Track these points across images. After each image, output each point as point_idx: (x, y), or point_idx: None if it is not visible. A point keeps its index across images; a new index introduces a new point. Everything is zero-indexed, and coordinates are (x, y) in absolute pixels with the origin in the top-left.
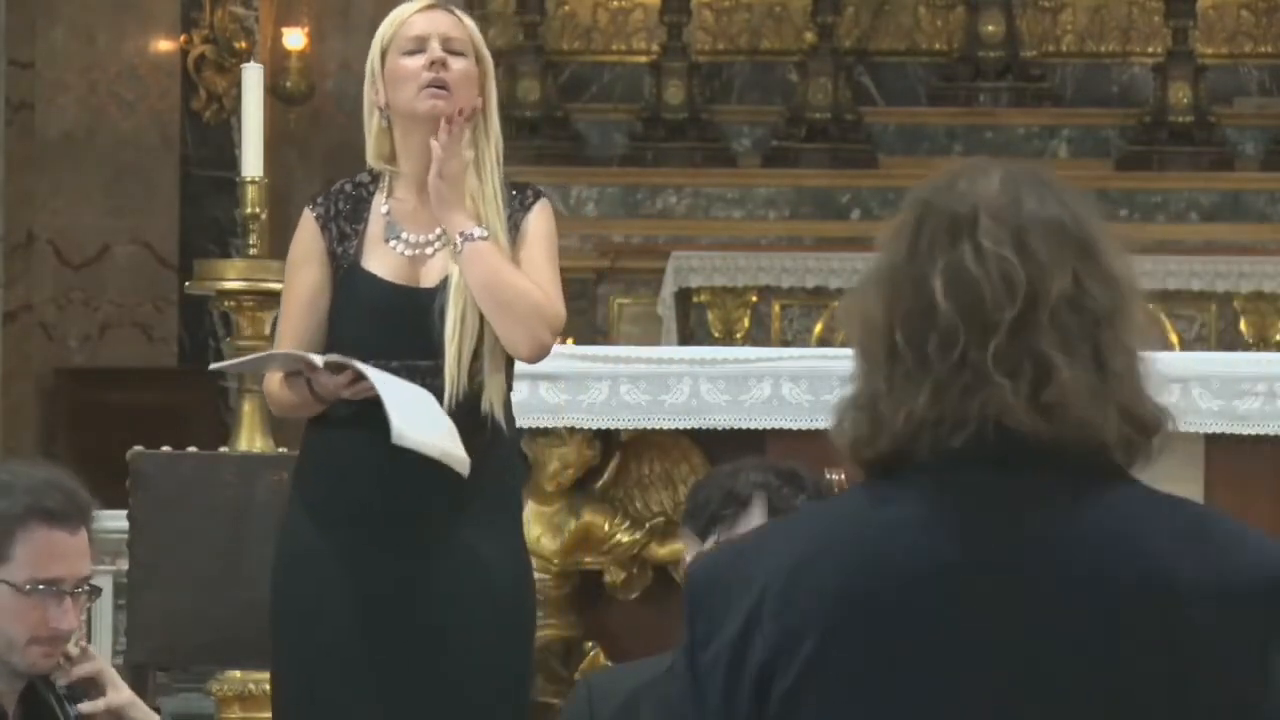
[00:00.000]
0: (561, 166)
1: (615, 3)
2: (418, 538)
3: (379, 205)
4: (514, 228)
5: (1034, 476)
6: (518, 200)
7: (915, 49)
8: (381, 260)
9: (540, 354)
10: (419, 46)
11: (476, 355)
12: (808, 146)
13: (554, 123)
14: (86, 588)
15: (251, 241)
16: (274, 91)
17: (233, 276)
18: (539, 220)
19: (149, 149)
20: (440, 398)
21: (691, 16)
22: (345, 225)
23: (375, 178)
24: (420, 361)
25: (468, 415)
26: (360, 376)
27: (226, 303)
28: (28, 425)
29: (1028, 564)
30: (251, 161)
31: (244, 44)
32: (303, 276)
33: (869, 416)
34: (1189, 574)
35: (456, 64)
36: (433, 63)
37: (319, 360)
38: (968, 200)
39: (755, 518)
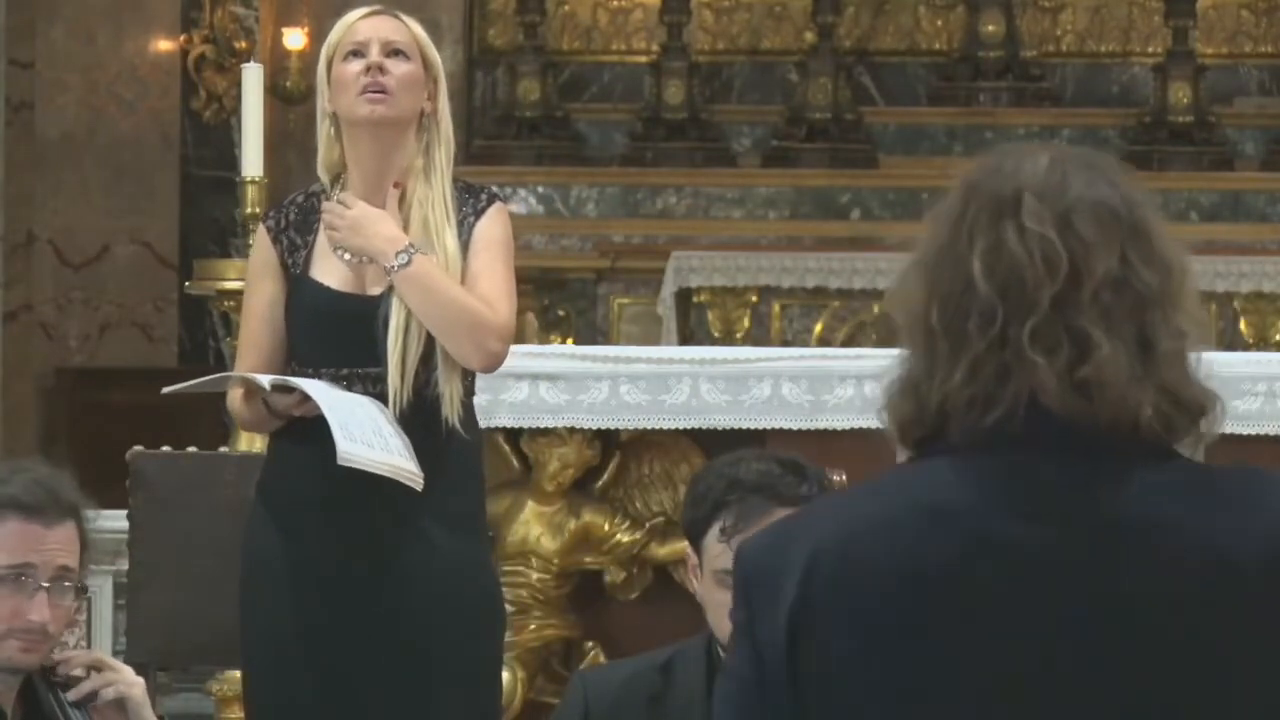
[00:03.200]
0: (561, 166)
1: (615, 3)
2: (378, 546)
3: None
4: (465, 231)
5: (1080, 459)
6: (470, 205)
7: (915, 49)
8: (329, 268)
9: (492, 363)
10: (360, 51)
11: (429, 361)
12: (808, 146)
13: (554, 123)
14: (68, 583)
15: (251, 241)
16: (274, 91)
17: (233, 276)
18: (491, 226)
19: (149, 149)
20: (386, 405)
21: (691, 16)
22: (296, 236)
23: (328, 186)
24: (368, 368)
25: (417, 421)
26: (308, 396)
27: (226, 303)
28: (28, 425)
29: (1079, 547)
30: (251, 161)
31: (244, 44)
32: (258, 290)
33: (913, 398)
34: (1243, 549)
35: (398, 68)
36: (369, 68)
37: (266, 383)
38: (1013, 181)
39: (758, 505)
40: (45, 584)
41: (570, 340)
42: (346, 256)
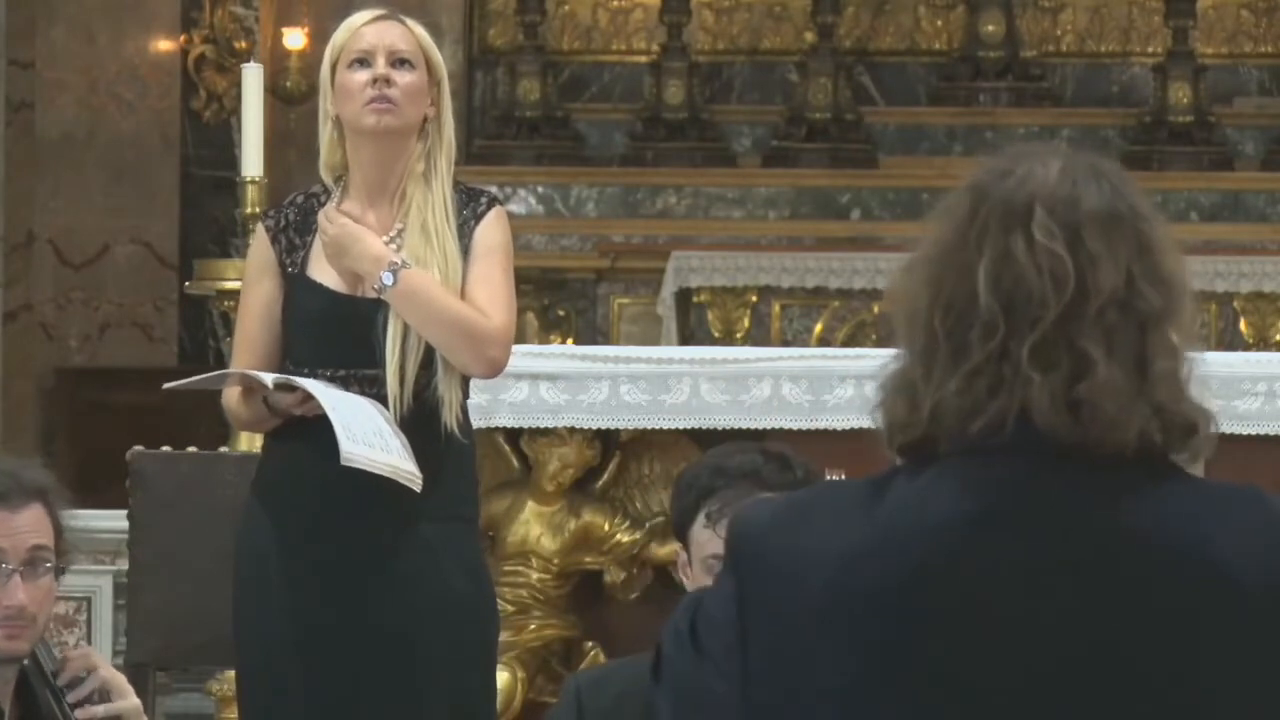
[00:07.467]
0: (561, 166)
1: (615, 3)
2: (374, 547)
3: None
4: (466, 235)
5: (1068, 473)
6: (470, 208)
7: (915, 49)
8: (327, 269)
9: (492, 370)
10: (366, 59)
11: (428, 366)
12: (808, 146)
13: (554, 123)
14: (46, 564)
15: (251, 241)
16: (274, 91)
17: (233, 276)
18: (490, 231)
19: (149, 149)
20: (384, 407)
21: (691, 16)
22: (295, 236)
23: (329, 188)
24: (366, 370)
25: (416, 425)
26: (310, 395)
27: (226, 303)
28: (28, 425)
29: (1067, 561)
30: (251, 161)
31: (244, 44)
32: (256, 289)
33: (906, 401)
34: (1241, 566)
35: (404, 77)
36: (376, 79)
37: (269, 380)
38: (1024, 189)
39: (744, 491)
40: (18, 567)
41: (570, 340)
42: None
